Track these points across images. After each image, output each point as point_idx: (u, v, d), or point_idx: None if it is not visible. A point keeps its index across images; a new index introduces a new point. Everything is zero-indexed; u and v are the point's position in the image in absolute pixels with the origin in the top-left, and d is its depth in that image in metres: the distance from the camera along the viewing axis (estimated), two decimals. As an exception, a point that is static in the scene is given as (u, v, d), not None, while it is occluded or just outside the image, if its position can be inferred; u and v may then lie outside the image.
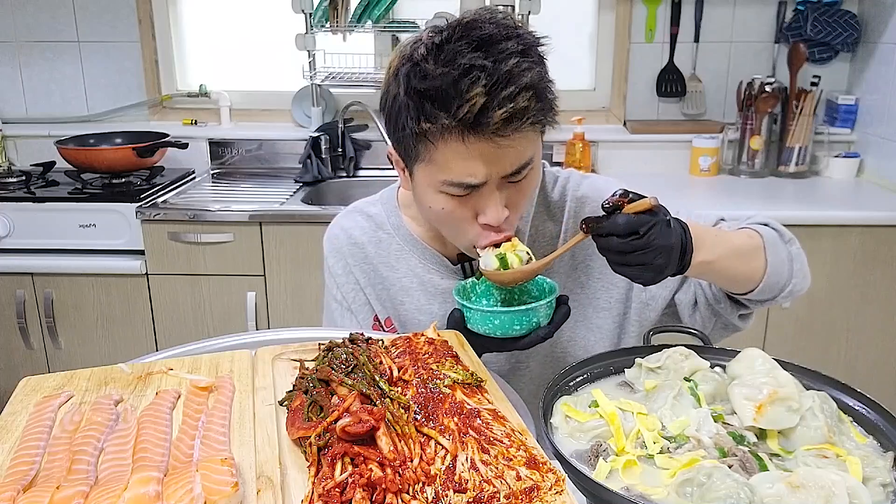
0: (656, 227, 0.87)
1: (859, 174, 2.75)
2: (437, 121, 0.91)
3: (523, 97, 0.90)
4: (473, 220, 1.01)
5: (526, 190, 1.02)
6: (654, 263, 0.89)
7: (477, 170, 0.95)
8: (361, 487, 0.63)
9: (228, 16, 2.99)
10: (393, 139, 1.02)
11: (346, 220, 1.27)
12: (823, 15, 2.74)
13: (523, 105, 0.90)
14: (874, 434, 0.79)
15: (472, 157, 0.94)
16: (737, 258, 1.03)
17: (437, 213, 1.02)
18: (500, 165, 0.95)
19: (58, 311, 2.53)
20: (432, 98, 0.91)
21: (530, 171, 1.00)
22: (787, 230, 1.13)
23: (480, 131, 0.91)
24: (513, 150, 0.95)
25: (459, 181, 0.96)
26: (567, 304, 1.01)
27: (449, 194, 0.99)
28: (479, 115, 0.89)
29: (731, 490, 0.66)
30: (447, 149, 0.94)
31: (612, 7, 2.87)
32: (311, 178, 2.77)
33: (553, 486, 0.66)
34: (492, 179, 0.96)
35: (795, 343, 2.41)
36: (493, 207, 0.98)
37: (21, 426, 0.77)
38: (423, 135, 0.94)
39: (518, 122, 0.91)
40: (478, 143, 0.92)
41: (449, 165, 0.95)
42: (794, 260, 1.09)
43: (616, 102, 2.99)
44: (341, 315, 1.26)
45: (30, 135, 2.97)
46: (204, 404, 0.80)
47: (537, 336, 0.98)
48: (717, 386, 0.86)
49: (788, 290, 1.08)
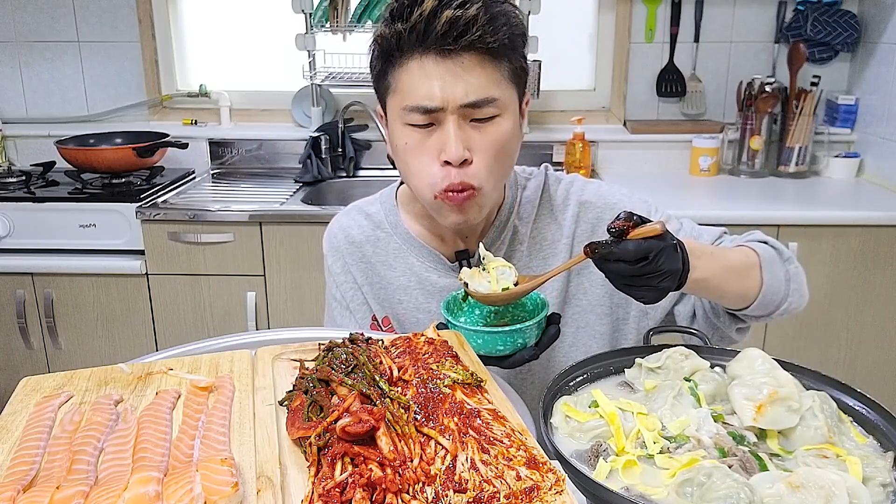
0: (665, 253, 0.87)
1: (859, 174, 2.75)
2: (394, 27, 0.99)
3: (473, 7, 0.96)
4: (436, 159, 1.02)
5: (490, 138, 1.03)
6: (660, 286, 0.89)
7: (432, 91, 0.99)
8: (361, 487, 0.63)
9: (228, 16, 2.99)
10: (374, 83, 1.09)
11: (345, 219, 1.27)
12: (823, 15, 2.74)
13: (472, 14, 0.96)
14: (874, 434, 0.79)
15: (428, 76, 0.99)
16: (732, 276, 1.03)
17: (404, 152, 1.05)
18: (456, 89, 0.99)
19: (58, 311, 2.53)
20: (392, 14, 1.01)
21: (497, 118, 1.02)
22: (786, 249, 1.13)
23: (431, 42, 0.97)
24: (470, 76, 0.99)
25: (417, 104, 1.00)
26: (557, 325, 1.00)
27: (413, 126, 1.03)
28: (429, 20, 0.96)
29: (731, 490, 0.66)
30: (406, 73, 1.01)
31: (612, 7, 2.87)
32: (311, 178, 2.77)
33: (553, 486, 0.66)
34: (449, 107, 0.99)
35: (795, 343, 2.41)
36: (451, 140, 1.00)
37: (21, 426, 0.77)
38: (386, 58, 1.02)
39: (466, 30, 0.96)
40: (430, 57, 0.98)
41: (408, 90, 1.01)
42: (792, 279, 1.10)
43: (616, 102, 2.99)
44: (341, 314, 1.26)
45: (30, 135, 2.97)
46: (204, 404, 0.80)
47: (522, 357, 0.97)
48: (717, 386, 0.86)
49: (784, 308, 1.09)
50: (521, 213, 1.19)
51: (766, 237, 1.15)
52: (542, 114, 2.98)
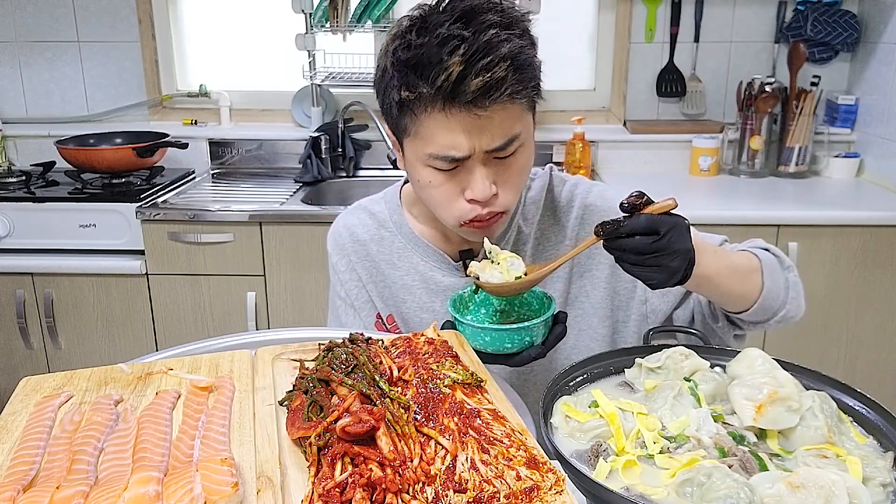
0: (677, 230, 0.87)
1: (859, 174, 2.75)
2: (418, 89, 0.94)
3: (501, 67, 0.92)
4: (461, 195, 1.02)
5: (515, 168, 1.02)
6: (671, 266, 0.88)
7: (459, 142, 0.96)
8: (361, 487, 0.63)
9: (228, 16, 2.99)
10: (385, 115, 1.05)
11: (350, 217, 1.27)
12: (823, 15, 2.74)
13: (500, 75, 0.92)
14: (874, 434, 0.79)
15: (454, 129, 0.96)
16: (734, 276, 1.04)
17: (426, 188, 1.04)
18: (483, 138, 0.97)
19: (58, 311, 2.53)
20: (413, 67, 0.94)
21: (519, 148, 1.01)
22: (786, 257, 1.13)
23: (459, 101, 0.93)
24: (495, 123, 0.96)
25: (443, 154, 0.98)
26: (564, 324, 1.00)
27: (436, 168, 1.00)
28: (457, 83, 0.92)
29: (731, 490, 0.66)
30: (430, 121, 0.97)
31: (612, 7, 2.87)
32: (311, 178, 2.77)
33: (553, 486, 0.66)
34: (476, 153, 0.98)
35: (795, 343, 2.41)
36: (479, 182, 0.99)
37: (21, 426, 0.77)
38: (408, 106, 0.97)
39: (496, 92, 0.93)
40: (458, 114, 0.95)
41: (432, 138, 0.98)
42: (791, 287, 1.10)
43: (616, 102, 2.99)
44: (345, 312, 1.26)
45: (30, 135, 2.97)
46: (204, 404, 0.80)
47: (529, 355, 0.97)
48: (717, 386, 0.86)
49: (781, 316, 1.10)
50: (525, 214, 1.19)
51: (767, 245, 1.15)
52: (543, 114, 2.98)
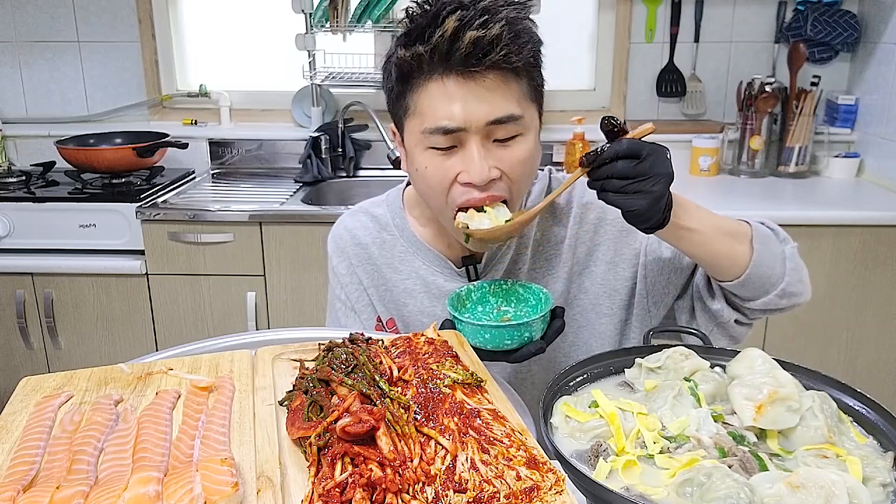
0: (657, 153, 0.89)
1: (859, 174, 2.75)
2: (414, 48, 0.96)
3: (496, 26, 0.94)
4: (456, 181, 1.01)
5: (516, 157, 1.01)
6: (653, 190, 0.89)
7: (454, 111, 0.96)
8: (361, 487, 0.63)
9: (228, 16, 2.99)
10: (388, 103, 1.06)
11: (351, 220, 1.26)
12: (823, 15, 2.74)
13: (495, 32, 0.94)
14: (874, 434, 0.79)
15: (449, 97, 0.97)
16: (721, 235, 1.01)
17: (423, 176, 1.03)
18: (477, 109, 0.96)
19: (58, 311, 2.53)
20: (413, 34, 0.97)
21: (520, 136, 1.01)
22: (785, 233, 1.10)
23: (454, 64, 0.95)
24: (490, 91, 0.96)
25: (437, 125, 0.98)
26: (562, 318, 1.00)
27: (434, 149, 1.00)
28: (452, 40, 0.94)
29: (731, 490, 0.66)
30: (426, 94, 0.98)
31: (612, 7, 2.87)
32: (311, 178, 2.77)
33: (553, 486, 0.66)
34: (472, 127, 0.97)
35: (795, 343, 2.41)
36: (476, 162, 0.98)
37: (21, 426, 0.77)
38: (406, 76, 0.99)
39: (490, 51, 0.94)
40: (452, 77, 0.96)
41: (428, 110, 0.98)
42: (788, 259, 1.06)
43: (616, 102, 2.99)
44: (345, 315, 1.26)
45: (30, 135, 2.97)
46: (204, 404, 0.80)
47: (529, 351, 0.97)
48: (717, 386, 0.86)
49: (781, 288, 1.04)
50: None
51: (764, 220, 1.12)
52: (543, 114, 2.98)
